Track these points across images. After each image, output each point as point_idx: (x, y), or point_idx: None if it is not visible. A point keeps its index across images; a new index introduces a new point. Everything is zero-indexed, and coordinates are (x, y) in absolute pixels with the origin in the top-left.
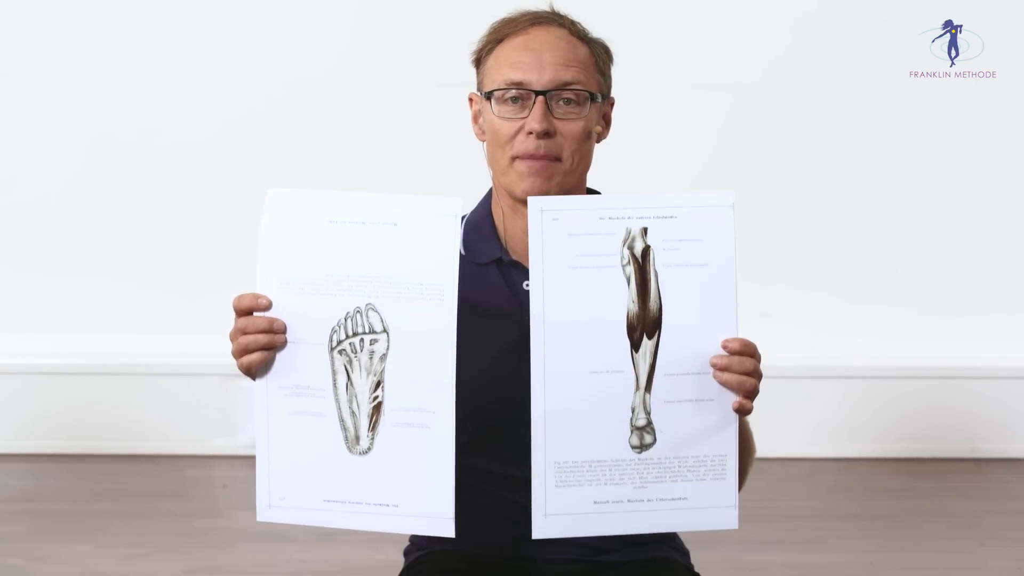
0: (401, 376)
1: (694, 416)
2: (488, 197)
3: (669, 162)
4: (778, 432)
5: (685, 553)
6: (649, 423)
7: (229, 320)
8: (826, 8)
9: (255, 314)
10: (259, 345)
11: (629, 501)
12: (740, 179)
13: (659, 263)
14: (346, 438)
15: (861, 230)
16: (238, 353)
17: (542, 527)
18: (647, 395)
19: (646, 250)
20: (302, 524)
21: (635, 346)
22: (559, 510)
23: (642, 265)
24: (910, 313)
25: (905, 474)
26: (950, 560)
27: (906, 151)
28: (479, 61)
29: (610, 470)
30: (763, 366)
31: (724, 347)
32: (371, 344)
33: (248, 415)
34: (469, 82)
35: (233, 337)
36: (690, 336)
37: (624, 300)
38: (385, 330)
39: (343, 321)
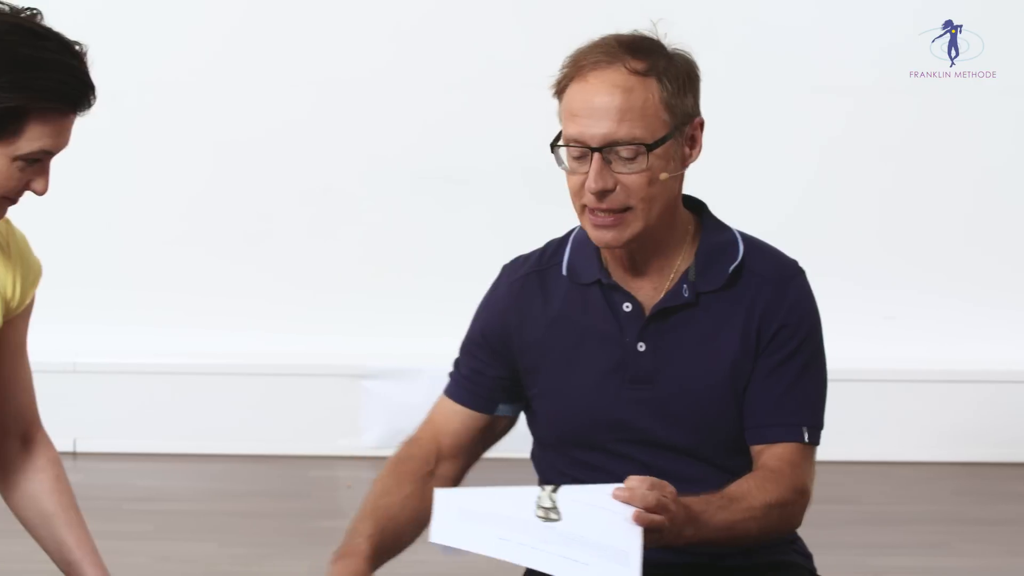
0: None
1: (599, 517)
2: None
3: (783, 167)
4: (901, 436)
5: (808, 556)
6: (555, 506)
7: (355, 321)
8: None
9: None
10: None
11: (532, 548)
12: (866, 181)
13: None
14: None
15: (986, 232)
16: None
17: (440, 534)
18: (554, 494)
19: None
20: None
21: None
22: (458, 535)
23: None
24: None
25: None
26: None
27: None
28: (559, 94)
29: (514, 521)
30: (887, 369)
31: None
32: None
33: (372, 416)
34: None
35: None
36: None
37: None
38: None
39: None
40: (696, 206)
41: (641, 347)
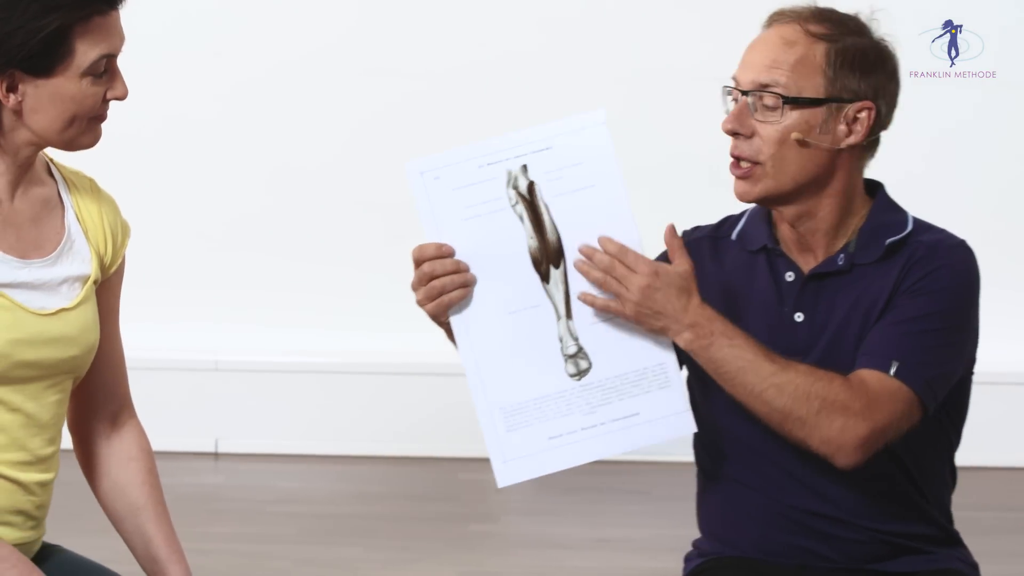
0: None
1: (621, 332)
2: None
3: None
4: None
5: (974, 566)
6: (580, 349)
7: None
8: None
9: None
10: (455, 284)
11: (583, 429)
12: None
13: (546, 195)
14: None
15: None
16: (433, 296)
17: (504, 474)
18: (570, 322)
19: (531, 186)
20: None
21: (544, 278)
22: (517, 454)
23: (531, 201)
24: None
25: None
26: None
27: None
28: None
29: (556, 403)
30: None
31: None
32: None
33: None
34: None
35: (419, 284)
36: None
37: (523, 238)
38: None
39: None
40: (874, 189)
41: (799, 318)
